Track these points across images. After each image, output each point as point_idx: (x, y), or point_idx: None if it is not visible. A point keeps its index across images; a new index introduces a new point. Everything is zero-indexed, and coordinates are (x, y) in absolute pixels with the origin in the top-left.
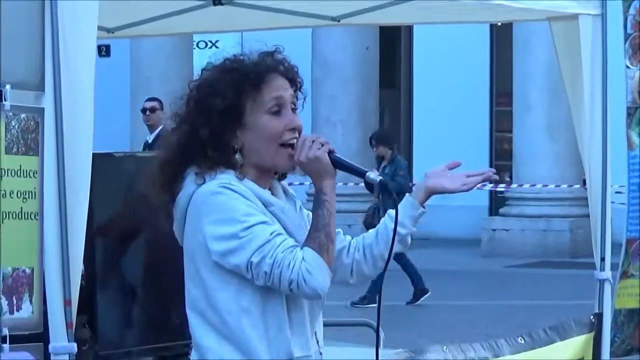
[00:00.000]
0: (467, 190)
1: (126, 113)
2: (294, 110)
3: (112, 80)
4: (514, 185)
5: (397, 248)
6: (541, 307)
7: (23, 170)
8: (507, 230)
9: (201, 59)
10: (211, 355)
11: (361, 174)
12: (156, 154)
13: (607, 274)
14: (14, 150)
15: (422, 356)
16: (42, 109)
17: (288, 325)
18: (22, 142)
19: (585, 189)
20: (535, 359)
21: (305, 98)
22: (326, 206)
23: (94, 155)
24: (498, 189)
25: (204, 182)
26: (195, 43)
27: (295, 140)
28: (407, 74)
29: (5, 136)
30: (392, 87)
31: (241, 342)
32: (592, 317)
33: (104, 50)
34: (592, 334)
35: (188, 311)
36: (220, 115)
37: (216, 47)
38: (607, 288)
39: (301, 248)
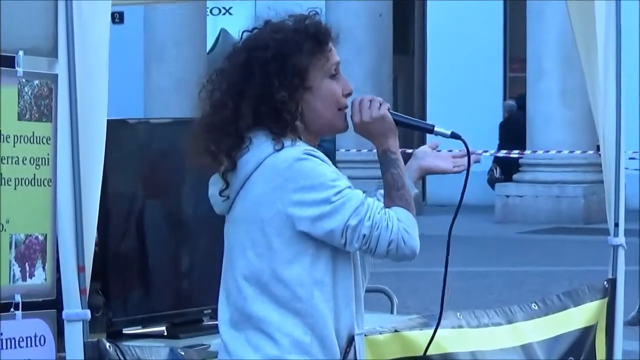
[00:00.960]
0: (458, 172)
1: (140, 80)
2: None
3: (126, 47)
4: (528, 152)
5: None
6: (555, 273)
7: (36, 137)
8: (520, 197)
9: (215, 26)
10: (273, 330)
11: (428, 129)
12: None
13: (621, 239)
14: (27, 116)
15: (435, 322)
16: (56, 75)
17: (352, 299)
18: (35, 108)
19: (599, 154)
20: (548, 324)
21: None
22: (399, 165)
23: (107, 121)
24: (512, 155)
25: (282, 147)
26: (209, 9)
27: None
28: (421, 41)
29: (19, 102)
30: (405, 53)
31: (310, 316)
32: (605, 282)
33: (117, 17)
34: (605, 300)
35: (242, 282)
36: (295, 76)
37: (230, 13)
38: (621, 254)
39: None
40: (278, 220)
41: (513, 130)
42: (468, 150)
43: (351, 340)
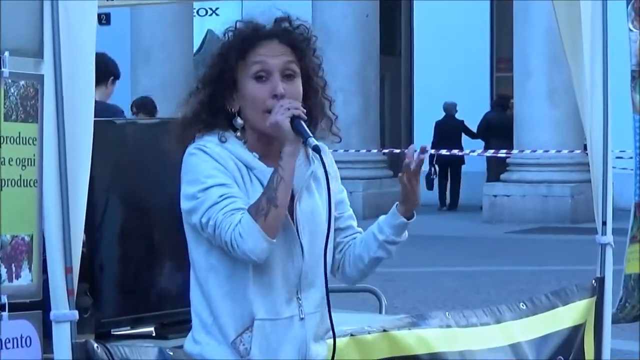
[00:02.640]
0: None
1: (126, 81)
2: (289, 76)
3: (112, 48)
4: (515, 151)
5: (378, 253)
6: (543, 272)
7: (22, 138)
8: (508, 196)
9: (201, 27)
10: (193, 310)
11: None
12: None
13: (609, 238)
14: (13, 117)
15: (424, 322)
16: (42, 76)
17: (252, 286)
18: (21, 109)
19: (586, 154)
20: (537, 324)
21: (320, 64)
22: (278, 171)
23: (94, 122)
24: (499, 155)
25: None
26: (195, 10)
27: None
28: (408, 41)
29: (4, 103)
30: (392, 54)
31: (208, 298)
32: (593, 281)
33: (104, 19)
34: (594, 299)
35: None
36: (217, 77)
37: (216, 14)
38: (609, 252)
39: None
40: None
41: (446, 131)
42: (324, 165)
43: (249, 325)
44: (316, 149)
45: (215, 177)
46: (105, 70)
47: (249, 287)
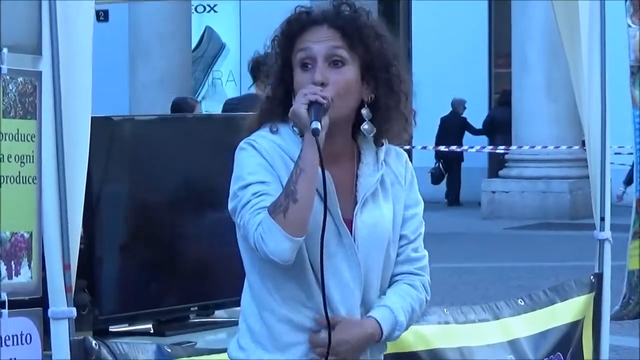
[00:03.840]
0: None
1: (124, 78)
2: (335, 63)
3: (111, 45)
4: (513, 147)
5: None
6: (541, 268)
7: (21, 134)
8: (506, 192)
9: (200, 23)
10: (241, 315)
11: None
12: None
13: (607, 233)
14: (12, 114)
15: (422, 318)
16: (40, 73)
17: (320, 292)
18: (19, 105)
19: (585, 150)
20: (535, 320)
21: (396, 54)
22: (298, 163)
23: (92, 119)
24: (498, 151)
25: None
26: (193, 7)
27: None
28: (406, 36)
29: (3, 100)
30: None
31: (258, 304)
32: (592, 277)
33: (102, 15)
34: (592, 294)
35: None
36: (279, 67)
37: (214, 11)
38: (607, 248)
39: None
40: None
41: (449, 128)
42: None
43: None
44: (315, 132)
45: (256, 174)
46: None
47: (315, 293)
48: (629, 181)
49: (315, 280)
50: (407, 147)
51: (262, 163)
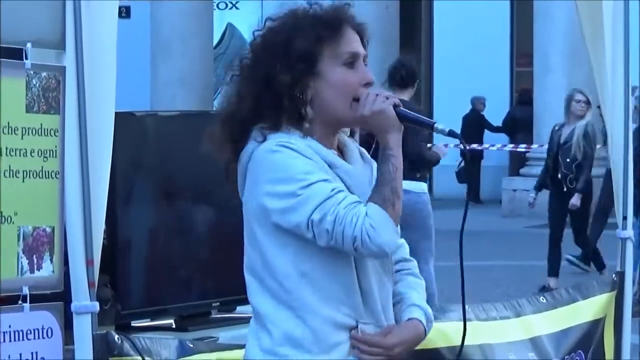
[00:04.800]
0: None
1: (146, 75)
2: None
3: (132, 41)
4: (535, 146)
5: None
6: (562, 266)
7: (44, 129)
8: (527, 191)
9: (221, 20)
10: (268, 322)
11: (429, 125)
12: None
13: (629, 232)
14: (35, 108)
15: (444, 315)
16: (64, 68)
17: (359, 293)
18: (43, 100)
19: (605, 148)
20: (557, 317)
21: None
22: (392, 161)
23: (115, 114)
24: (519, 150)
25: (264, 139)
26: (215, 4)
27: None
28: (428, 34)
29: (27, 95)
30: (412, 47)
31: (298, 308)
32: (613, 275)
33: (124, 12)
34: (614, 293)
35: (246, 274)
36: (300, 60)
37: (236, 8)
38: (629, 246)
39: (365, 204)
40: (258, 211)
41: (469, 125)
42: (464, 149)
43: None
44: (452, 133)
45: (314, 173)
46: None
47: (353, 293)
48: (539, 187)
49: (357, 278)
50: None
51: (310, 163)
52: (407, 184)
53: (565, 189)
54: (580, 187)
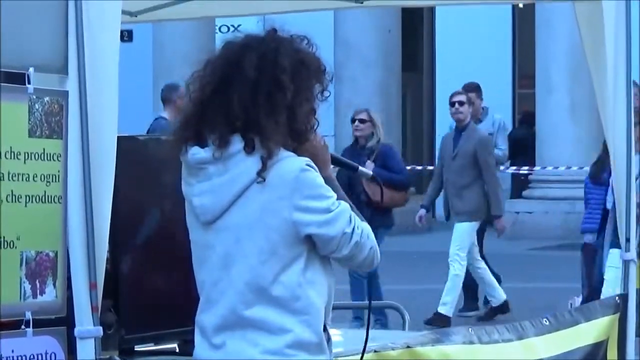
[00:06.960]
0: None
1: (149, 98)
2: None
3: (135, 65)
4: (537, 168)
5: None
6: (565, 289)
7: (47, 154)
8: (530, 213)
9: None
10: (271, 326)
11: (353, 168)
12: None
13: (632, 254)
14: (38, 133)
15: (447, 338)
16: (66, 92)
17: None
18: (45, 125)
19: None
20: (560, 340)
21: (332, 79)
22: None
23: (117, 138)
24: (521, 172)
25: (271, 156)
26: (217, 27)
27: None
28: (430, 57)
29: (29, 119)
30: (414, 70)
31: (307, 313)
32: (617, 298)
33: (126, 35)
34: (617, 315)
35: (243, 287)
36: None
37: (238, 31)
38: (633, 269)
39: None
40: (284, 227)
41: None
42: (382, 192)
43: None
44: (374, 178)
45: (331, 190)
46: None
47: (332, 296)
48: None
49: None
50: (431, 167)
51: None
52: None
53: None
54: None
